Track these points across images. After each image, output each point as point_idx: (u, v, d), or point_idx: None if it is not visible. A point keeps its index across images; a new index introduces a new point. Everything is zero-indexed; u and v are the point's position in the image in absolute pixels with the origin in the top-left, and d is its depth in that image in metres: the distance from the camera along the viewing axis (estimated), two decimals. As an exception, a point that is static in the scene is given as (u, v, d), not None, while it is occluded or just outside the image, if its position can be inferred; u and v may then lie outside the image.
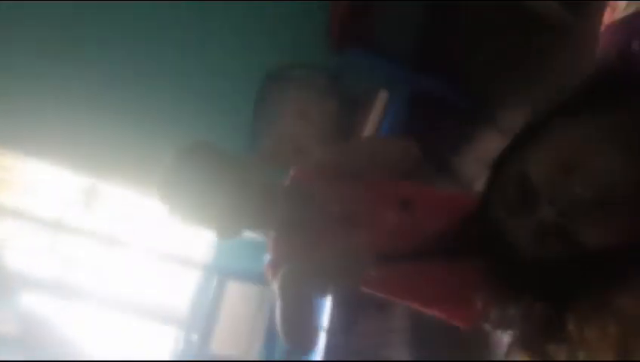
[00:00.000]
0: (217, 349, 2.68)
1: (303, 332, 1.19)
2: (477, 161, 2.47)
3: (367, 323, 2.77)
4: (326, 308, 2.69)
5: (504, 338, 0.86)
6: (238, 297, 2.80)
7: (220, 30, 2.68)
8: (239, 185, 1.23)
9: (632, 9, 0.86)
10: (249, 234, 2.98)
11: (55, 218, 2.68)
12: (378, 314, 2.79)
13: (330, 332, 2.63)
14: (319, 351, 2.66)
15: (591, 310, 0.73)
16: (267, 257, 3.24)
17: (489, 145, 2.45)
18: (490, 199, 0.77)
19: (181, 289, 2.80)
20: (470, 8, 2.44)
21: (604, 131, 0.66)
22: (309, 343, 1.21)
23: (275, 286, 1.21)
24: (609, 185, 0.63)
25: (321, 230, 1.25)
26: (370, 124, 2.56)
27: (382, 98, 2.54)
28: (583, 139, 0.67)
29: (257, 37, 2.70)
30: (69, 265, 2.70)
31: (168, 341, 2.77)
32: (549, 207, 0.67)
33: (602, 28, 0.90)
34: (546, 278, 0.74)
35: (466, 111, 2.57)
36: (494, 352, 2.26)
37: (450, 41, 2.58)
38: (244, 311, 2.83)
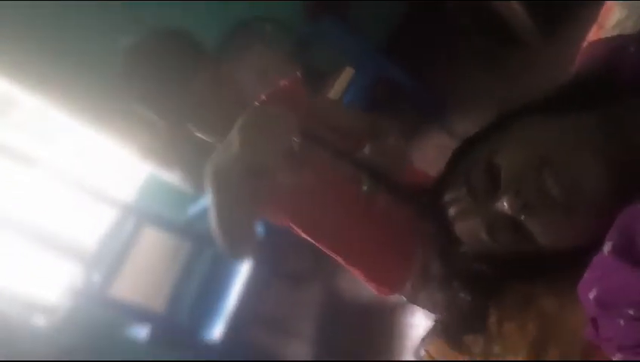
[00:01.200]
0: (118, 293, 2.49)
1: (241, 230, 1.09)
2: (421, 155, 2.55)
3: (281, 291, 2.74)
4: (242, 271, 2.62)
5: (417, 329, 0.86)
6: (152, 245, 2.63)
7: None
8: (216, 79, 1.15)
9: (618, 30, 0.87)
10: (176, 182, 2.80)
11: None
12: (294, 285, 2.78)
13: (242, 294, 2.56)
14: (226, 314, 2.59)
15: (514, 306, 0.74)
16: (192, 209, 3.01)
17: (435, 142, 2.55)
18: (450, 177, 0.74)
19: (92, 225, 2.57)
20: (450, 11, 2.50)
21: (582, 132, 0.65)
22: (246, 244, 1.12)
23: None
24: (578, 186, 0.63)
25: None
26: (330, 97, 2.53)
27: (347, 74, 2.52)
28: (559, 137, 0.66)
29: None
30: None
31: (65, 276, 2.53)
32: (514, 198, 0.65)
33: (585, 44, 0.89)
34: (477, 268, 0.74)
35: (421, 107, 2.65)
36: (402, 343, 2.35)
37: (423, 37, 2.63)
38: (155, 261, 2.67)
